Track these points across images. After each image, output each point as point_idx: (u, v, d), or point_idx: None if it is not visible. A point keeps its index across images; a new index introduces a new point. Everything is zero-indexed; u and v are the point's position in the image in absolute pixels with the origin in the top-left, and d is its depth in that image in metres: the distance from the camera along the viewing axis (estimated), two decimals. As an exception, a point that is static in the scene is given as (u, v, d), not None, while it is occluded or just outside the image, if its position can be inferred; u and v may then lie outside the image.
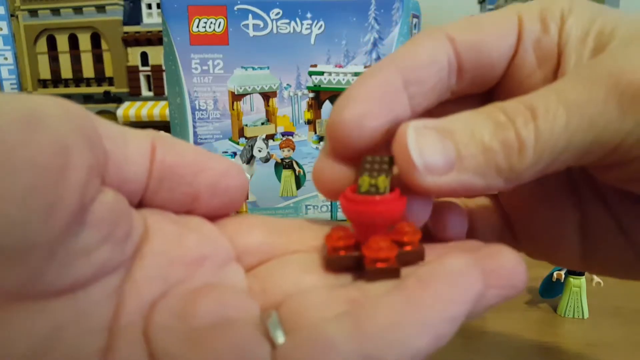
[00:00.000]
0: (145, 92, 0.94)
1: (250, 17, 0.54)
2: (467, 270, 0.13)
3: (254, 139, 0.58)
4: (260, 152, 0.58)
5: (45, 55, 0.96)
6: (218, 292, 0.15)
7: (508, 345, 0.31)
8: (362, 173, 0.16)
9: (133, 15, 0.92)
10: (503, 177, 0.14)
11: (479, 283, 0.13)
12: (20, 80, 0.96)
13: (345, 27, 0.55)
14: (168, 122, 0.59)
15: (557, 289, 0.36)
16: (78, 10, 0.91)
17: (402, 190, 0.16)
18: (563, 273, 0.35)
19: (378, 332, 0.12)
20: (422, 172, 0.14)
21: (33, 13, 0.92)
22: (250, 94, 0.57)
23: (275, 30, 0.54)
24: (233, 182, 0.16)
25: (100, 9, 0.90)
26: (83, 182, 0.12)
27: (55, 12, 0.91)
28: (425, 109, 0.18)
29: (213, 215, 0.17)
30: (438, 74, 0.17)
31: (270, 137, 0.58)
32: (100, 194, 0.13)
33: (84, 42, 0.93)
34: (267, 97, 0.57)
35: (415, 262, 0.16)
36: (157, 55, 0.91)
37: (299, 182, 0.59)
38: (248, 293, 0.16)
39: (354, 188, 0.16)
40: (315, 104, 0.58)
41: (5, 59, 0.94)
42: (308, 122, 0.59)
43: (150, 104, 0.91)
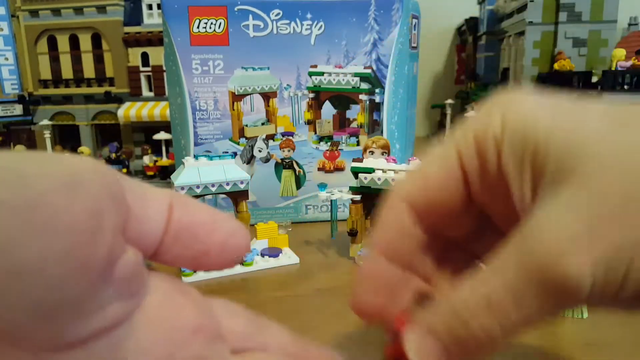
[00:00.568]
0: (146, 92, 0.94)
1: (251, 17, 0.54)
2: None
3: (254, 139, 0.58)
4: (261, 152, 0.58)
5: (46, 56, 0.96)
6: None
7: (507, 345, 0.31)
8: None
9: (134, 16, 0.92)
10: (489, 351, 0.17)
11: None
12: (21, 81, 0.96)
13: (345, 27, 0.55)
14: (168, 122, 0.59)
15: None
16: (79, 11, 0.91)
17: None
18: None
19: None
20: None
21: (34, 13, 0.92)
22: (251, 94, 0.57)
23: (276, 31, 0.54)
24: (240, 241, 0.18)
25: (101, 10, 0.90)
26: (112, 242, 0.13)
27: (56, 12, 0.91)
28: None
29: (217, 269, 0.19)
30: (410, 239, 0.20)
31: (271, 137, 0.58)
32: (124, 253, 0.14)
33: (85, 42, 0.93)
34: (267, 97, 0.57)
35: None
36: (157, 56, 0.91)
37: (299, 182, 0.59)
38: None
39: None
40: (315, 104, 0.58)
41: (6, 59, 0.94)
42: (308, 122, 0.59)
43: (151, 104, 0.91)
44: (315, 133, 0.59)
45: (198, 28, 0.53)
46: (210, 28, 0.53)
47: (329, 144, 0.59)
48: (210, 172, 0.43)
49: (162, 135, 0.88)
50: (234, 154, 0.56)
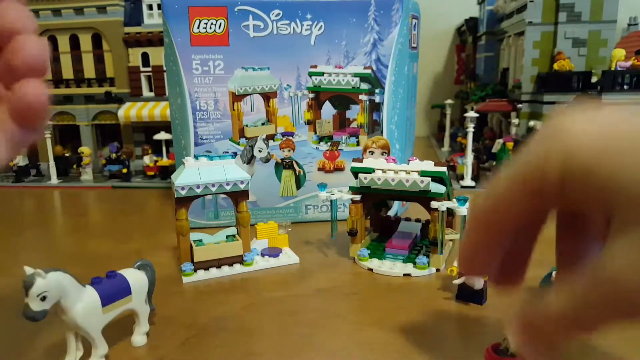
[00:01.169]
0: (146, 92, 0.95)
1: (251, 18, 0.54)
2: None
3: (255, 139, 0.58)
4: (261, 152, 0.58)
5: (47, 56, 0.96)
6: None
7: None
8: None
9: (134, 16, 0.92)
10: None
11: None
12: (22, 81, 0.96)
13: (345, 28, 0.55)
14: (169, 122, 0.59)
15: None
16: (79, 11, 0.91)
17: None
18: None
19: None
20: None
21: (34, 13, 0.92)
22: (251, 95, 0.57)
23: (276, 31, 0.55)
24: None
25: (101, 10, 0.90)
26: None
27: (57, 12, 0.92)
28: None
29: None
30: None
31: (271, 137, 0.58)
32: None
33: (85, 42, 0.94)
34: (267, 97, 0.58)
35: None
36: (158, 56, 0.91)
37: (299, 182, 0.59)
38: None
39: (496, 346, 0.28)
40: (315, 105, 0.58)
41: (7, 60, 0.94)
42: (308, 122, 0.59)
43: (151, 105, 0.91)
44: (315, 133, 0.59)
45: (198, 28, 0.53)
46: (211, 28, 0.53)
47: (329, 144, 0.59)
48: (211, 172, 0.43)
49: (162, 135, 0.88)
50: (234, 154, 0.56)
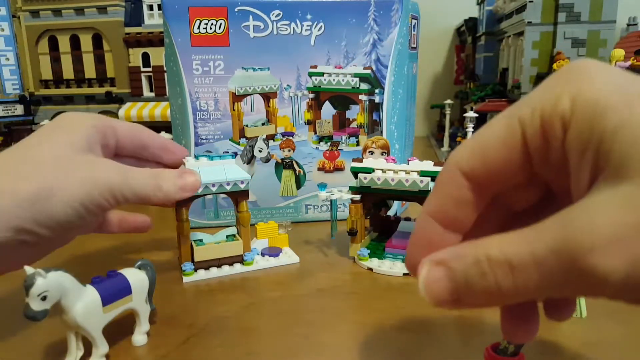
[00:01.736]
0: (147, 92, 0.95)
1: (251, 18, 0.54)
2: None
3: (255, 139, 0.58)
4: (261, 152, 0.58)
5: (47, 56, 0.96)
6: None
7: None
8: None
9: (134, 16, 0.92)
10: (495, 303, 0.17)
11: None
12: (22, 81, 0.96)
13: (345, 28, 0.55)
14: (169, 122, 0.59)
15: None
16: (80, 11, 0.91)
17: None
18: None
19: None
20: (436, 305, 0.18)
21: (35, 14, 0.93)
22: (251, 95, 0.57)
23: (276, 32, 0.55)
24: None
25: (102, 10, 0.90)
26: None
27: (57, 13, 0.92)
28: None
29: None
30: (467, 208, 0.19)
31: (271, 137, 0.58)
32: None
33: (86, 42, 0.94)
34: (267, 97, 0.58)
35: None
36: (158, 56, 0.91)
37: (299, 182, 0.60)
38: None
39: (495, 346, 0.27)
40: (315, 105, 0.59)
41: (7, 60, 0.94)
42: (308, 122, 0.59)
43: (152, 105, 0.91)
44: (315, 133, 0.59)
45: (198, 29, 0.53)
46: (211, 29, 0.54)
47: (329, 144, 0.59)
48: (211, 172, 0.43)
49: (163, 135, 0.88)
50: (235, 154, 0.56)
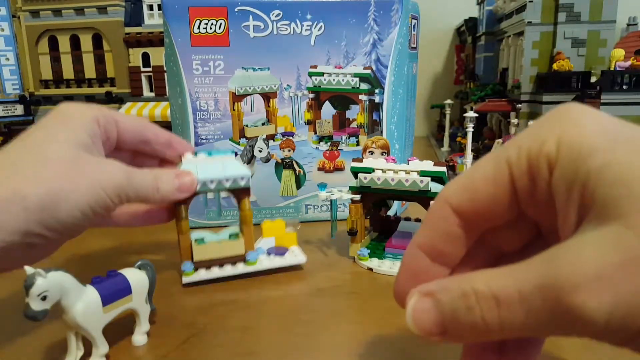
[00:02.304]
0: (147, 92, 0.95)
1: (251, 18, 0.54)
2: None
3: (255, 139, 0.58)
4: (261, 152, 0.58)
5: (47, 56, 0.96)
6: None
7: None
8: None
9: (134, 16, 0.92)
10: (480, 339, 0.17)
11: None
12: (22, 81, 0.96)
13: (345, 28, 0.55)
14: (169, 122, 0.59)
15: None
16: (80, 11, 0.91)
17: None
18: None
19: None
20: (423, 335, 0.18)
21: (35, 14, 0.93)
22: (251, 95, 0.57)
23: (276, 32, 0.55)
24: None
25: (102, 10, 0.90)
26: None
27: (57, 12, 0.92)
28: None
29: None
30: (456, 243, 0.20)
31: (271, 137, 0.58)
32: None
33: (86, 42, 0.94)
34: (267, 97, 0.58)
35: None
36: (158, 56, 0.91)
37: (299, 182, 0.60)
38: None
39: None
40: (315, 105, 0.59)
41: (7, 60, 0.94)
42: (308, 122, 0.59)
43: (152, 105, 0.91)
44: (315, 133, 0.59)
45: (198, 28, 0.53)
46: (211, 29, 0.54)
47: (329, 144, 0.59)
48: (209, 168, 0.40)
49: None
50: (235, 154, 0.56)
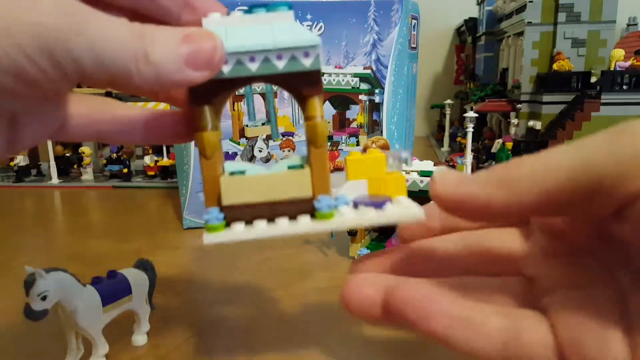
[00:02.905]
0: (146, 92, 0.95)
1: (251, 18, 0.54)
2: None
3: (255, 139, 0.58)
4: (261, 152, 0.58)
5: (47, 56, 0.96)
6: None
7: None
8: None
9: (134, 16, 0.92)
10: (502, 190, 0.16)
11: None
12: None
13: (345, 28, 0.55)
14: (169, 122, 0.59)
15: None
16: (79, 11, 0.91)
17: None
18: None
19: None
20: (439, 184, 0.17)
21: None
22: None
23: (276, 32, 0.55)
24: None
25: (102, 10, 0.90)
26: None
27: (57, 13, 0.92)
28: None
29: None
30: None
31: (271, 137, 0.58)
32: None
33: (86, 43, 0.94)
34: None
35: None
36: (158, 56, 0.91)
37: (299, 182, 0.59)
38: None
39: None
40: (315, 105, 0.59)
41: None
42: (308, 122, 0.59)
43: (152, 105, 0.91)
44: (315, 133, 0.59)
45: (199, 29, 0.53)
46: (211, 29, 0.53)
47: (329, 144, 0.59)
48: (248, 32, 0.19)
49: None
50: (235, 154, 0.56)
